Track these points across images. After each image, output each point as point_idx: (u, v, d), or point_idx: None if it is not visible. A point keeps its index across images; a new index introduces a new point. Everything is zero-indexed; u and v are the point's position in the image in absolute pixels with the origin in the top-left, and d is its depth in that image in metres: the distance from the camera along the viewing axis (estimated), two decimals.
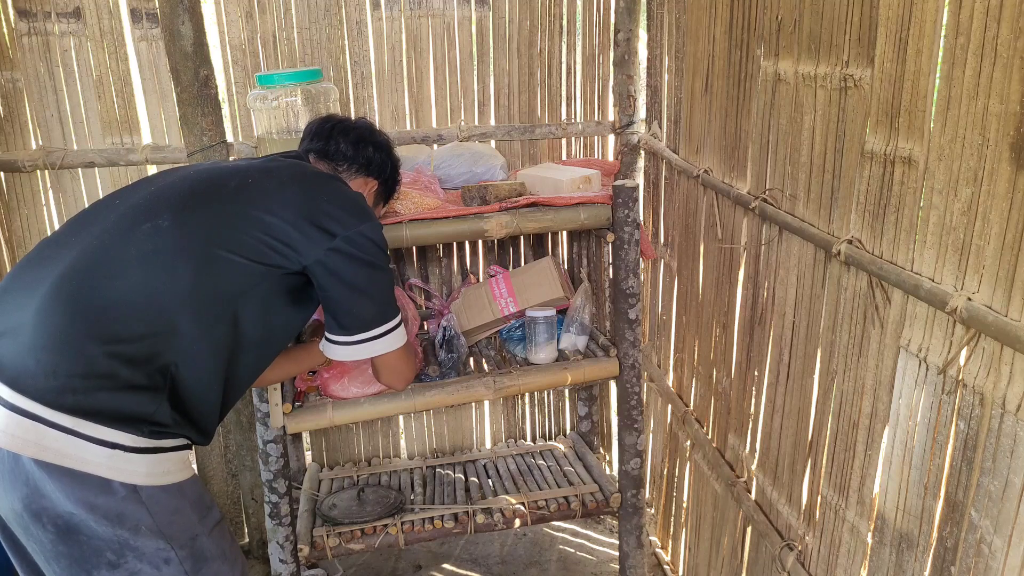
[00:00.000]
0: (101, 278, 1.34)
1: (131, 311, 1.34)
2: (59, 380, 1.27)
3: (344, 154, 1.71)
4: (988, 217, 1.07)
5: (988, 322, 1.05)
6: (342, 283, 1.52)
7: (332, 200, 1.54)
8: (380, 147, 1.76)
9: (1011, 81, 1.01)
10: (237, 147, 2.40)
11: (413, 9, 2.49)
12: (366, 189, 1.75)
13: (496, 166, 2.41)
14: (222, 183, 1.50)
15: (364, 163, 1.73)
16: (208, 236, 1.42)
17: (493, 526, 2.36)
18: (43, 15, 2.30)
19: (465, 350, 2.36)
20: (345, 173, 1.72)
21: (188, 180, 1.51)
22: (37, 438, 1.25)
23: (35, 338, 1.29)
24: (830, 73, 1.47)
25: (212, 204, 1.46)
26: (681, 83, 2.31)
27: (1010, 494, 1.06)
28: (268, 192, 1.49)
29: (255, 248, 1.44)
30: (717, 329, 2.14)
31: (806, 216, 1.60)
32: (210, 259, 1.40)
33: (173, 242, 1.39)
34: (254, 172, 1.54)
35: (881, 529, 1.39)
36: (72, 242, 1.41)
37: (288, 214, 1.47)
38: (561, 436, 2.99)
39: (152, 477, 1.33)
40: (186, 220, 1.42)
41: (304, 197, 1.51)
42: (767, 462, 1.86)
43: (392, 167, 1.80)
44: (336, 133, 1.71)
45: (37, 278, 1.36)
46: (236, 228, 1.44)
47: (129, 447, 1.30)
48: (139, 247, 1.38)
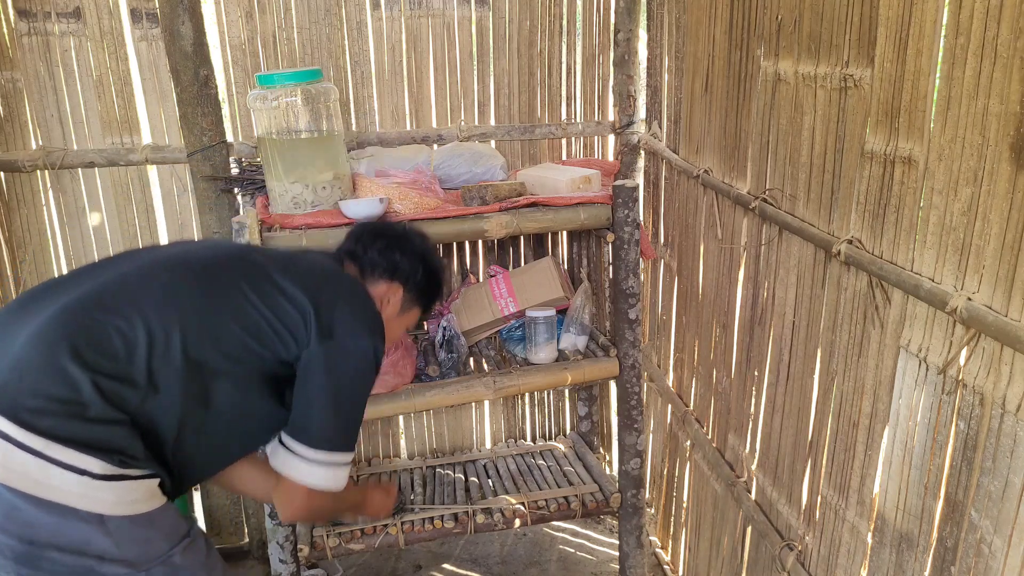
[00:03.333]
0: (106, 313, 1.36)
1: (123, 353, 1.34)
2: (38, 401, 1.27)
3: (371, 258, 1.69)
4: (988, 217, 1.07)
5: (988, 322, 1.05)
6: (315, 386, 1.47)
7: (347, 304, 1.52)
8: (409, 253, 1.72)
9: (1011, 81, 1.01)
10: (237, 147, 2.40)
11: (413, 9, 2.49)
12: (390, 294, 1.70)
13: (496, 166, 2.41)
14: (250, 258, 1.54)
15: (389, 268, 1.70)
16: (219, 304, 1.43)
17: (493, 526, 2.36)
18: (43, 15, 2.30)
19: (465, 350, 2.36)
20: (370, 277, 1.69)
21: (221, 248, 1.58)
22: (5, 459, 1.24)
23: (23, 355, 1.30)
24: (830, 73, 1.47)
25: (234, 275, 1.48)
26: (681, 83, 2.31)
27: (1010, 494, 1.06)
28: (289, 277, 1.49)
29: (259, 327, 1.44)
30: (717, 329, 2.14)
31: (806, 216, 1.60)
32: (213, 325, 1.42)
33: (185, 299, 1.42)
34: (284, 256, 1.58)
35: (881, 529, 1.39)
36: (88, 278, 1.44)
37: (300, 302, 1.46)
38: (561, 436, 2.99)
39: (119, 507, 1.31)
40: (205, 283, 1.45)
41: (321, 292, 1.50)
42: (767, 462, 1.86)
43: (425, 274, 1.74)
44: (366, 236, 1.72)
45: (42, 305, 1.39)
46: (249, 303, 1.44)
47: (97, 474, 1.28)
48: (152, 295, 1.40)
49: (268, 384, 1.49)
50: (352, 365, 1.49)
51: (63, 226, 2.46)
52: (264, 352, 1.44)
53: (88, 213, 2.46)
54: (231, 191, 2.32)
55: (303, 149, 2.09)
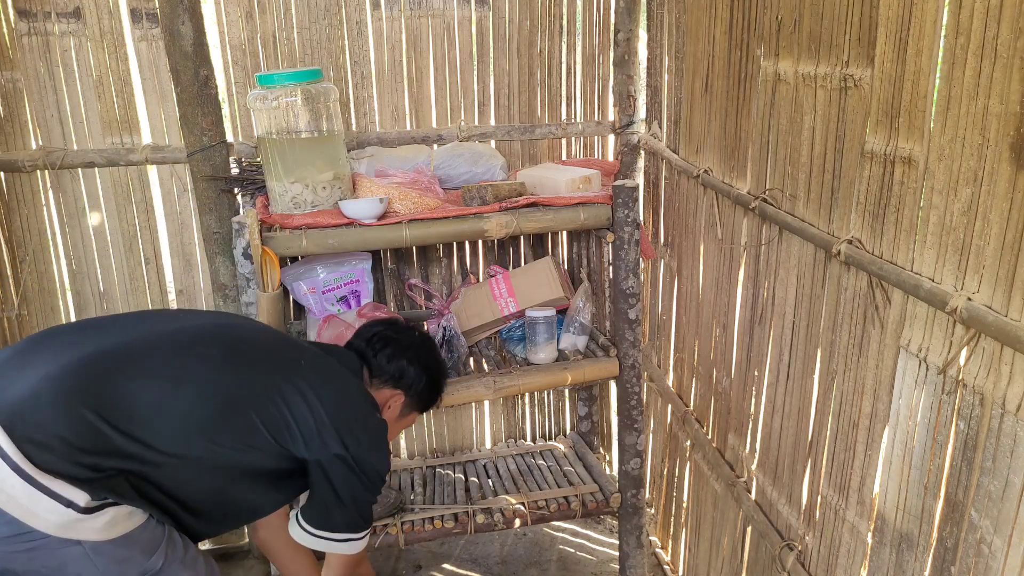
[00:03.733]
0: (132, 371, 1.40)
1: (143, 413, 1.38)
2: (46, 436, 1.30)
3: (379, 364, 1.78)
4: (988, 217, 1.07)
5: (988, 322, 1.05)
6: (332, 487, 1.59)
7: (361, 423, 1.62)
8: (415, 362, 1.81)
9: (1011, 81, 1.01)
10: (237, 147, 2.40)
11: (413, 9, 2.49)
12: (392, 400, 1.81)
13: (496, 166, 2.41)
14: (280, 349, 1.61)
15: (395, 376, 1.79)
16: (243, 389, 1.49)
17: (493, 526, 2.36)
18: (43, 15, 2.30)
19: (465, 350, 2.36)
20: (377, 380, 1.79)
21: (254, 331, 1.64)
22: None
23: (48, 389, 1.33)
24: (830, 73, 1.47)
25: (262, 363, 1.55)
26: (681, 83, 2.31)
27: (1010, 494, 1.06)
28: (313, 382, 1.57)
29: (276, 423, 1.50)
30: (717, 329, 2.14)
31: (806, 216, 1.60)
32: (234, 410, 1.46)
33: (210, 377, 1.47)
34: (311, 356, 1.65)
35: (881, 529, 1.39)
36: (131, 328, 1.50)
37: (319, 411, 1.54)
38: (561, 436, 2.99)
39: (99, 532, 1.34)
40: (233, 364, 1.51)
41: (340, 406, 1.59)
42: (767, 462, 1.86)
43: (428, 382, 1.86)
44: (376, 341, 1.80)
45: (82, 339, 1.43)
46: (270, 396, 1.50)
47: (82, 507, 1.31)
48: (180, 365, 1.45)
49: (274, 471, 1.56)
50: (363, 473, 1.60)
51: (63, 226, 2.46)
52: (273, 444, 1.51)
53: (88, 213, 2.46)
54: (231, 191, 2.32)
55: (303, 149, 2.09)
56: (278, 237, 1.99)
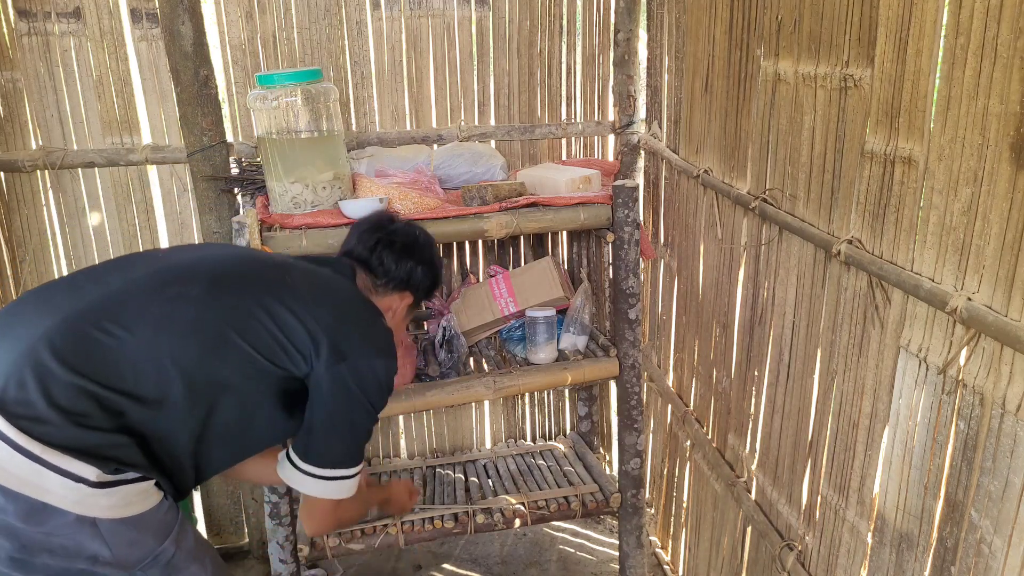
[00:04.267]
0: (114, 325, 1.35)
1: (128, 367, 1.34)
2: (39, 409, 1.27)
3: (386, 271, 1.71)
4: (988, 217, 1.07)
5: (988, 322, 1.05)
6: (328, 406, 1.50)
7: (360, 327, 1.54)
8: (422, 261, 1.74)
9: (1011, 81, 1.01)
10: (237, 147, 2.40)
11: (413, 9, 2.49)
12: (400, 303, 1.74)
13: (496, 166, 2.41)
14: (262, 272, 1.52)
15: (404, 279, 1.72)
16: (226, 317, 1.43)
17: (493, 526, 2.36)
18: (43, 15, 2.30)
19: (465, 350, 2.36)
20: (383, 287, 1.72)
21: (230, 258, 1.54)
22: (1, 461, 1.24)
23: (26, 362, 1.30)
24: (830, 73, 1.47)
25: (243, 288, 1.47)
26: (681, 83, 2.31)
27: (1010, 494, 1.06)
28: (302, 297, 1.49)
29: (264, 341, 1.44)
30: (717, 329, 2.14)
31: (806, 216, 1.60)
32: (220, 340, 1.41)
33: (193, 313, 1.41)
34: (297, 273, 1.55)
35: (881, 529, 1.39)
36: (104, 281, 1.43)
37: (309, 321, 1.46)
38: (561, 436, 2.99)
39: (113, 510, 1.32)
40: (213, 295, 1.44)
41: (333, 313, 1.51)
42: (767, 462, 1.86)
43: (432, 278, 1.79)
44: (380, 247, 1.71)
45: (47, 308, 1.38)
46: (254, 317, 1.44)
47: (93, 482, 1.29)
48: (160, 308, 1.39)
49: (275, 398, 1.50)
50: (362, 387, 1.51)
51: (63, 226, 2.46)
52: (271, 368, 1.45)
53: (88, 213, 2.46)
54: (231, 191, 2.32)
55: (303, 149, 2.09)
56: (278, 237, 1.99)
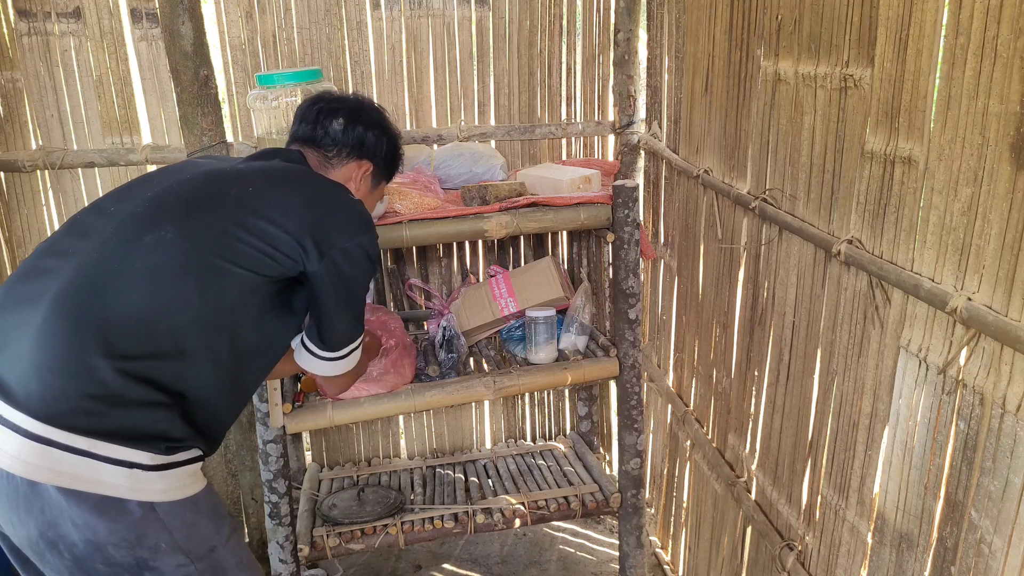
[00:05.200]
0: (105, 294, 1.32)
1: (138, 328, 1.32)
2: (71, 402, 1.25)
3: (333, 139, 1.65)
4: (988, 217, 1.07)
5: (988, 322, 1.05)
6: (330, 296, 1.53)
7: (334, 210, 1.52)
8: (372, 125, 1.68)
9: (1011, 81, 1.01)
10: (237, 147, 2.40)
11: (413, 9, 2.49)
12: (359, 172, 1.69)
13: (496, 166, 2.41)
14: (223, 190, 1.47)
15: (355, 145, 1.66)
16: (210, 247, 1.39)
17: (493, 526, 2.36)
18: (43, 15, 2.30)
19: (465, 350, 2.36)
20: (336, 159, 1.66)
21: (187, 185, 1.47)
22: (51, 463, 1.23)
23: (40, 358, 1.27)
24: (830, 73, 1.47)
25: (213, 213, 1.43)
26: (681, 83, 2.31)
27: (1010, 494, 1.06)
28: (270, 201, 1.46)
29: (254, 258, 1.42)
30: (717, 329, 2.14)
31: (806, 216, 1.60)
32: (213, 271, 1.39)
33: (178, 256, 1.37)
34: (255, 178, 1.50)
35: (881, 529, 1.39)
36: (70, 252, 1.38)
37: (289, 224, 1.45)
38: (561, 436, 2.99)
39: (169, 493, 1.32)
40: (188, 231, 1.39)
41: (306, 207, 1.48)
42: (767, 462, 1.86)
43: (389, 144, 1.73)
44: (323, 116, 1.65)
45: (35, 292, 1.34)
46: (236, 238, 1.41)
47: (147, 465, 1.28)
48: (143, 261, 1.35)
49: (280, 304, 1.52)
50: (353, 269, 1.54)
51: None
52: (266, 279, 1.45)
53: None
54: None
55: None
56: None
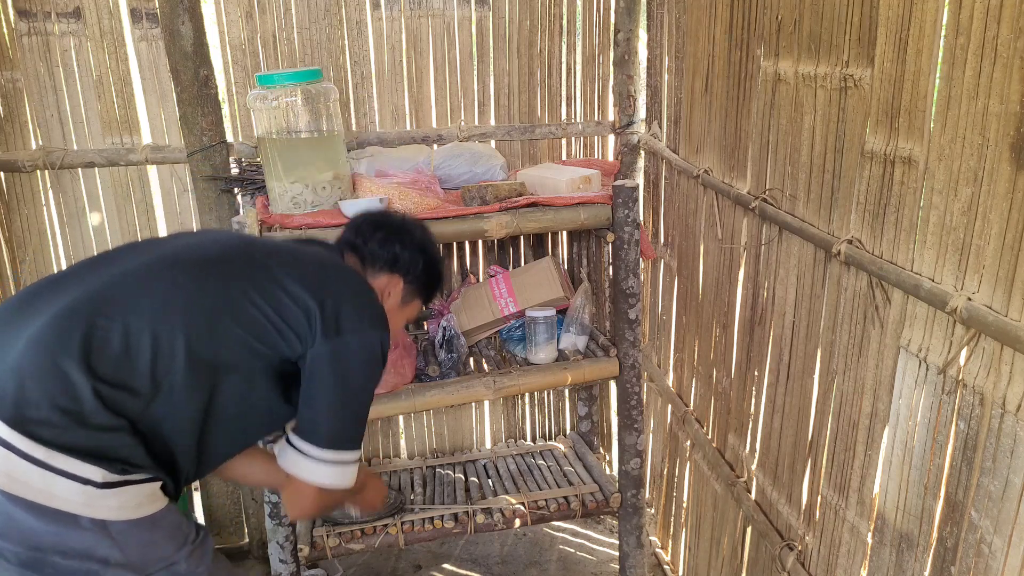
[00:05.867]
0: (105, 317, 1.33)
1: (124, 359, 1.32)
2: (41, 412, 1.26)
3: (371, 250, 1.68)
4: (988, 217, 1.07)
5: (988, 322, 1.05)
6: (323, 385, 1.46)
7: (351, 299, 1.50)
8: (409, 245, 1.70)
9: (1011, 81, 1.01)
10: (237, 147, 2.40)
11: (413, 9, 2.49)
12: (391, 287, 1.69)
13: (496, 166, 2.41)
14: (251, 254, 1.49)
15: (390, 260, 1.68)
16: (220, 303, 1.40)
17: (493, 526, 2.36)
18: (43, 15, 2.30)
19: (465, 350, 2.36)
20: (371, 269, 1.68)
21: (219, 244, 1.51)
22: (7, 468, 1.23)
23: (23, 362, 1.28)
24: (830, 73, 1.47)
25: (235, 272, 1.45)
26: (681, 83, 2.31)
27: (1010, 494, 1.06)
28: (292, 274, 1.46)
29: (259, 324, 1.41)
30: (717, 329, 2.14)
31: (806, 216, 1.60)
32: (213, 325, 1.39)
33: (185, 301, 1.39)
34: (286, 252, 1.53)
35: (881, 529, 1.39)
36: (87, 277, 1.41)
37: (304, 299, 1.43)
38: (561, 436, 2.99)
39: (123, 511, 1.31)
40: (204, 282, 1.41)
41: (325, 288, 1.47)
42: (767, 462, 1.86)
43: (426, 265, 1.73)
44: (366, 227, 1.69)
45: (41, 305, 1.36)
46: (249, 300, 1.41)
47: (100, 483, 1.28)
48: (151, 298, 1.37)
49: (272, 382, 1.47)
50: (359, 361, 1.48)
51: (63, 226, 2.46)
52: (267, 351, 1.43)
53: (88, 213, 2.46)
54: (231, 191, 2.32)
55: (303, 149, 2.09)
56: (278, 237, 1.99)
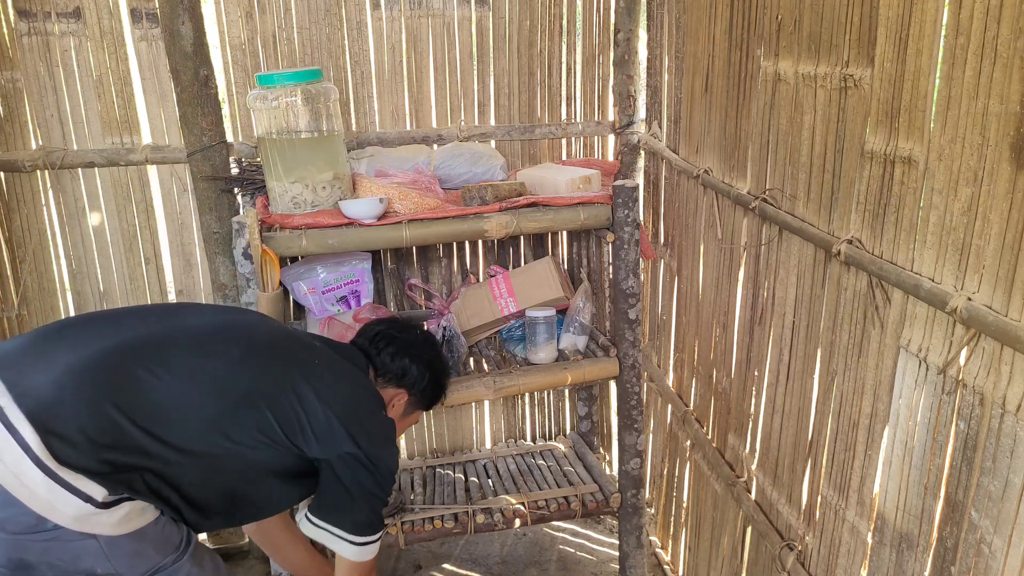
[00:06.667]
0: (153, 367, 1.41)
1: (159, 409, 1.40)
2: (69, 431, 1.31)
3: (382, 362, 1.81)
4: (988, 217, 1.07)
5: (988, 322, 1.05)
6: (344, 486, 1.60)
7: (372, 421, 1.65)
8: (418, 361, 1.84)
9: (1011, 81, 1.01)
10: (237, 147, 2.40)
11: (413, 9, 2.49)
12: (396, 398, 1.83)
13: (496, 166, 2.41)
14: (296, 351, 1.63)
15: (398, 374, 1.82)
16: (260, 385, 1.50)
17: (493, 526, 2.36)
18: (43, 15, 2.30)
19: (465, 350, 2.36)
20: (381, 379, 1.82)
21: (272, 332, 1.65)
22: (19, 470, 1.27)
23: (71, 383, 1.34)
24: (830, 73, 1.47)
25: (280, 362, 1.56)
26: (681, 83, 2.31)
27: (1010, 494, 1.06)
28: (326, 380, 1.59)
29: (287, 415, 1.52)
30: (717, 329, 2.14)
31: (806, 216, 1.60)
32: (246, 404, 1.48)
33: (228, 375, 1.48)
34: (323, 357, 1.66)
35: (881, 529, 1.39)
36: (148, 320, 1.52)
37: (331, 408, 1.56)
38: (561, 436, 2.99)
39: (114, 527, 1.35)
40: (250, 363, 1.52)
41: (351, 405, 1.61)
42: (767, 462, 1.86)
43: (431, 380, 1.88)
44: (380, 340, 1.83)
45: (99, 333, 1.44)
46: (283, 392, 1.52)
47: (99, 502, 1.33)
48: (200, 362, 1.47)
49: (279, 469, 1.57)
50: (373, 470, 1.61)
51: (63, 226, 2.46)
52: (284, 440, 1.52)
53: (88, 213, 2.46)
54: (231, 191, 2.32)
55: (303, 149, 2.09)
56: (278, 237, 1.99)
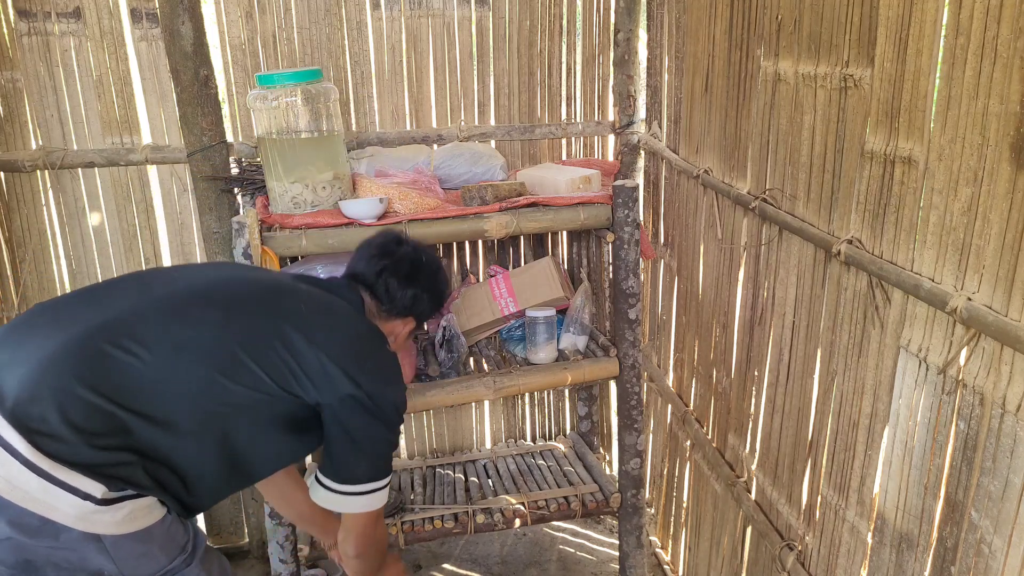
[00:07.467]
0: (133, 343, 1.37)
1: (143, 387, 1.36)
2: (53, 425, 1.28)
3: (391, 297, 1.74)
4: (988, 217, 1.07)
5: (988, 322, 1.05)
6: (347, 433, 1.54)
7: (371, 359, 1.58)
8: (425, 288, 1.78)
9: (1011, 81, 1.01)
10: (237, 147, 2.40)
11: (413, 9, 2.49)
12: (403, 327, 1.79)
13: (496, 166, 2.41)
14: (278, 299, 1.56)
15: (407, 306, 1.76)
16: (242, 342, 1.45)
17: (493, 526, 2.36)
18: (43, 15, 2.29)
19: (465, 350, 2.36)
20: (387, 312, 1.75)
21: (247, 283, 1.58)
22: (8, 474, 1.25)
23: (45, 375, 1.31)
24: (830, 73, 1.47)
25: (260, 316, 1.51)
26: (681, 83, 2.31)
27: (1010, 494, 1.06)
28: (316, 325, 1.53)
29: (278, 368, 1.46)
30: (717, 329, 2.14)
31: (806, 216, 1.60)
32: (234, 364, 1.43)
33: (211, 338, 1.44)
34: (309, 300, 1.59)
35: (881, 529, 1.39)
36: (119, 296, 1.46)
37: (325, 353, 1.50)
38: (561, 436, 2.99)
39: (117, 526, 1.33)
40: (232, 321, 1.47)
41: (346, 345, 1.55)
42: (767, 462, 1.86)
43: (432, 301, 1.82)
44: (386, 274, 1.74)
45: (70, 316, 1.40)
46: (269, 345, 1.47)
47: (99, 499, 1.30)
48: (180, 331, 1.42)
49: (282, 420, 1.52)
50: (379, 411, 1.55)
51: (63, 226, 2.46)
52: (280, 391, 1.48)
53: (88, 213, 2.46)
54: (231, 191, 2.32)
55: (303, 149, 2.09)
56: (278, 237, 1.99)
